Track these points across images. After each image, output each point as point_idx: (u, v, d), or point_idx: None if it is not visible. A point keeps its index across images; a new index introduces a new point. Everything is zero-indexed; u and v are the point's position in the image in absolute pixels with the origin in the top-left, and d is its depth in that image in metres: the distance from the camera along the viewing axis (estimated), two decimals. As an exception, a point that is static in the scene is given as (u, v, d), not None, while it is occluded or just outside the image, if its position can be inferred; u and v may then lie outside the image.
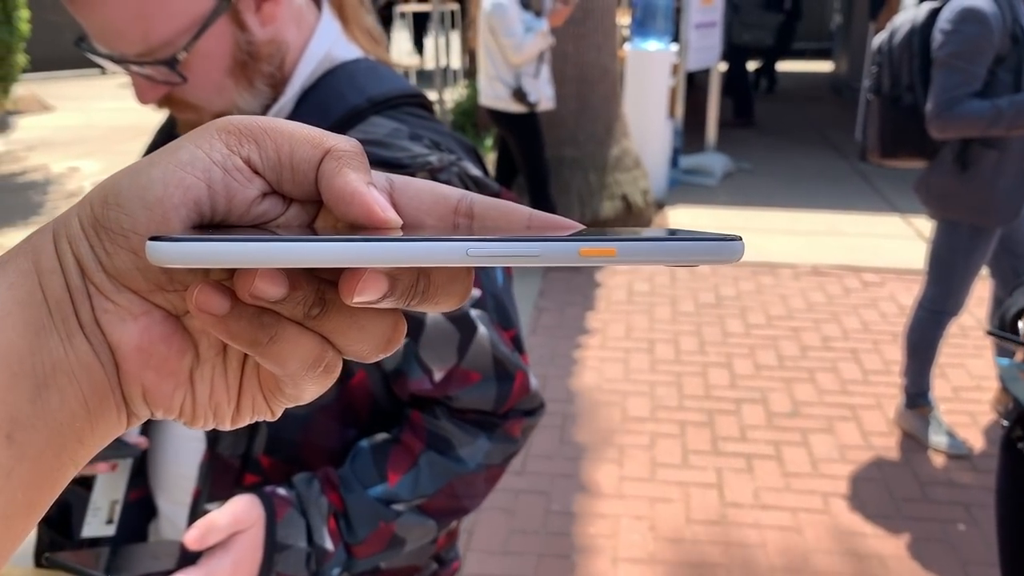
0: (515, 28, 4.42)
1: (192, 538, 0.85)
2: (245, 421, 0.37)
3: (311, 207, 0.35)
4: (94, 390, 0.33)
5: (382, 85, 1.00)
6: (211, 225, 0.33)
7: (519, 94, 4.56)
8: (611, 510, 2.91)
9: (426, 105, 1.05)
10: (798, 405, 3.57)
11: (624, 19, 6.80)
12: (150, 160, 0.32)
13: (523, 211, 0.34)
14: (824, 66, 12.81)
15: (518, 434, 1.04)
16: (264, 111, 0.98)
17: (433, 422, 0.99)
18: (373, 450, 0.98)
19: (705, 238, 0.30)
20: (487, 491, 1.02)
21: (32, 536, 1.20)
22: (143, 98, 0.95)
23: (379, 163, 0.93)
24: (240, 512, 0.89)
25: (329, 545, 0.92)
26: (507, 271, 1.05)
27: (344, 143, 0.34)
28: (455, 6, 9.33)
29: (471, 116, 7.34)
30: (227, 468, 0.99)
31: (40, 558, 1.15)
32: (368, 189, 0.32)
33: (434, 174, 0.95)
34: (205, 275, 0.33)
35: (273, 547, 0.90)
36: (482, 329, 0.97)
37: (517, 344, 1.03)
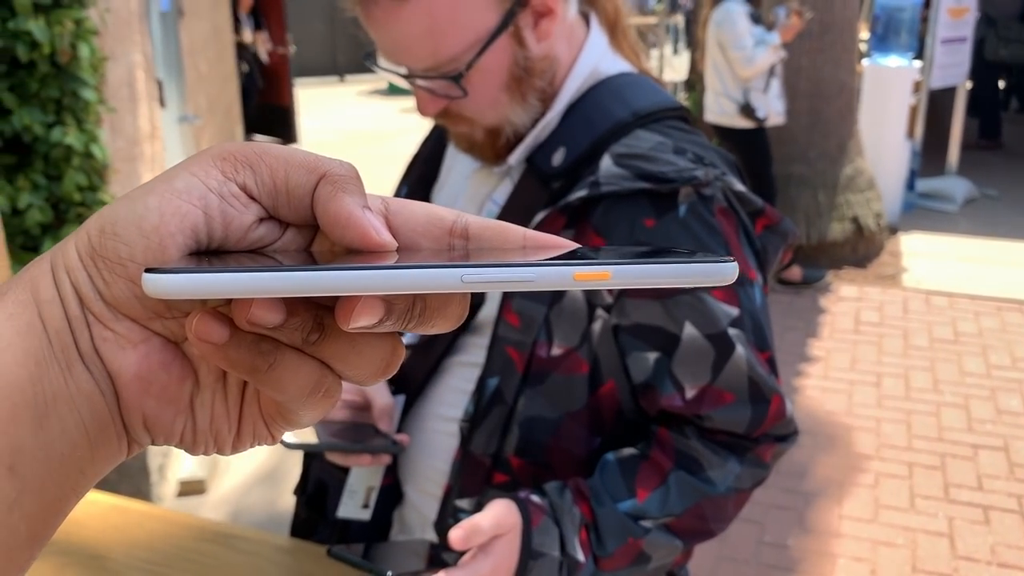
0: (745, 41, 4.31)
1: (456, 538, 0.88)
2: (246, 447, 0.37)
3: (307, 231, 0.35)
4: (95, 419, 0.32)
5: (646, 98, 1.01)
6: (208, 252, 0.33)
7: (747, 109, 4.44)
8: (828, 548, 2.76)
9: (687, 118, 1.04)
10: (1049, 458, 3.23)
11: (864, 33, 6.45)
12: (146, 188, 0.32)
13: (518, 231, 0.34)
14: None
15: (768, 459, 1.00)
16: (532, 124, 1.01)
17: (682, 441, 0.97)
18: (621, 464, 0.98)
19: (697, 260, 0.30)
20: (734, 515, 1.00)
21: (289, 509, 1.30)
22: (424, 111, 1.01)
23: (644, 176, 0.93)
24: (501, 517, 0.91)
25: (580, 556, 0.93)
26: (764, 289, 1.02)
27: (339, 167, 0.33)
28: (679, 19, 9.24)
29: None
30: (478, 466, 1.02)
31: (297, 536, 1.24)
32: (363, 213, 0.32)
33: (699, 189, 0.94)
34: (203, 303, 0.33)
35: (528, 554, 0.91)
36: (739, 349, 0.94)
37: (772, 366, 1.00)
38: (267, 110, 9.44)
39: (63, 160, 2.44)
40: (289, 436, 1.05)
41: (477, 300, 1.05)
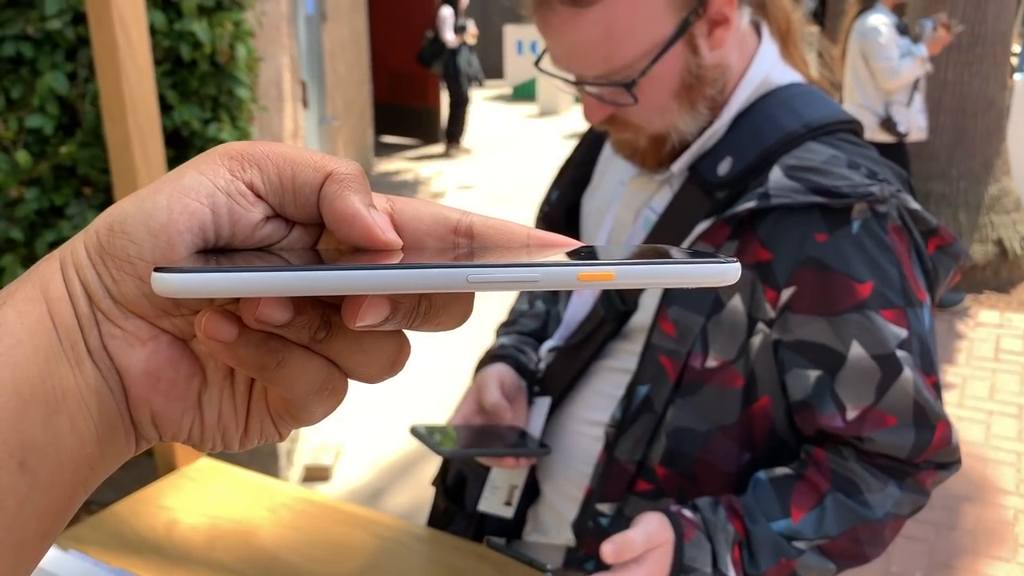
0: (890, 52, 4.15)
1: (608, 552, 0.89)
2: (253, 444, 0.37)
3: (313, 230, 0.35)
4: (104, 415, 0.33)
5: (818, 110, 0.99)
6: (215, 249, 0.33)
7: (887, 123, 4.28)
8: (962, 586, 2.62)
9: (859, 132, 1.02)
10: None
11: (1017, 46, 6.11)
12: (154, 187, 0.32)
13: (521, 229, 0.34)
14: None
15: (929, 486, 0.97)
16: (699, 133, 1.00)
17: (840, 462, 0.95)
18: (774, 483, 0.97)
19: (700, 260, 0.30)
20: (890, 541, 0.97)
21: (411, 497, 1.33)
22: (591, 117, 1.02)
23: (817, 190, 0.91)
24: (653, 532, 0.92)
25: (732, 574, 0.92)
26: (932, 311, 0.98)
27: (345, 166, 0.33)
28: (813, 29, 8.96)
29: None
30: (622, 472, 1.02)
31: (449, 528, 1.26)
32: (369, 211, 0.32)
33: (874, 205, 0.91)
34: (211, 301, 0.33)
35: (680, 568, 0.91)
36: (907, 371, 0.91)
37: (938, 391, 0.96)
38: (409, 112, 9.58)
39: (217, 155, 2.57)
40: (437, 440, 1.07)
41: (630, 306, 1.05)
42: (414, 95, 9.41)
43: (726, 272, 0.30)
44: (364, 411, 3.65)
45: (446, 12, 8.69)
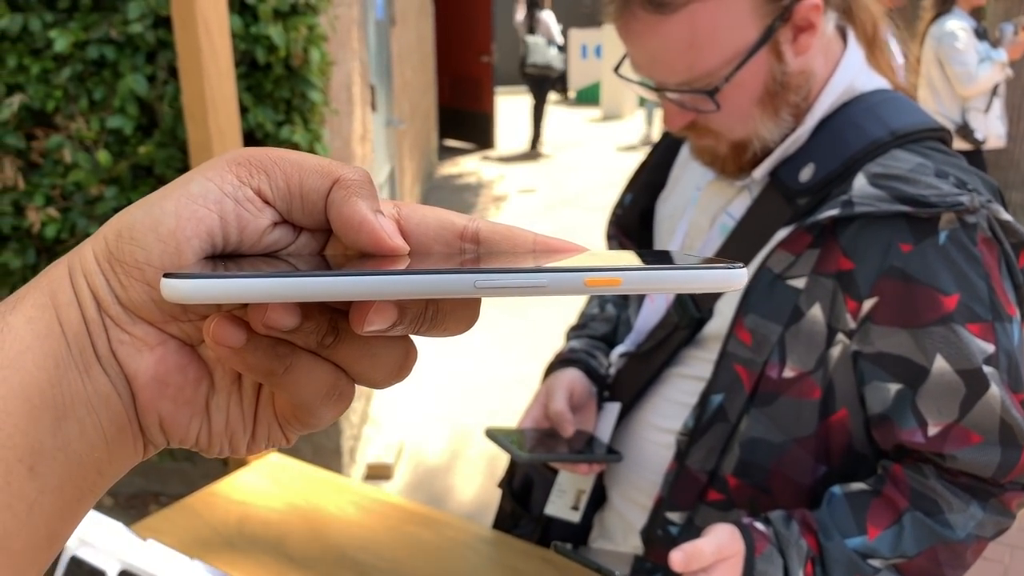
0: (968, 57, 4.04)
1: (677, 560, 0.87)
2: (260, 450, 0.37)
3: (321, 235, 0.35)
4: (112, 420, 0.33)
5: (905, 117, 0.96)
6: (223, 255, 0.33)
7: (964, 130, 4.16)
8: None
9: (947, 140, 0.99)
10: None
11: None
12: (162, 193, 0.32)
13: (527, 235, 0.34)
14: None
15: (1014, 508, 0.93)
16: (782, 140, 0.99)
17: (919, 480, 0.92)
18: (849, 499, 0.94)
19: (707, 266, 0.30)
20: (971, 564, 0.93)
21: (472, 497, 1.33)
22: (671, 124, 1.01)
23: (903, 199, 0.89)
24: (724, 543, 0.90)
25: None
26: (1022, 326, 0.95)
27: (352, 172, 0.33)
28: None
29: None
30: (693, 481, 1.01)
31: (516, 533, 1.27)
32: (376, 217, 0.32)
33: (963, 216, 0.89)
34: (218, 307, 0.33)
35: None
36: (993, 388, 0.88)
37: (1025, 409, 0.93)
38: (467, 116, 9.77)
39: (289, 157, 2.62)
40: (512, 444, 1.07)
41: (705, 313, 1.04)
42: (471, 99, 9.55)
43: (733, 278, 0.30)
44: (425, 412, 3.68)
45: (548, 16, 9.02)
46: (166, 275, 0.28)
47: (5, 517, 0.30)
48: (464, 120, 9.76)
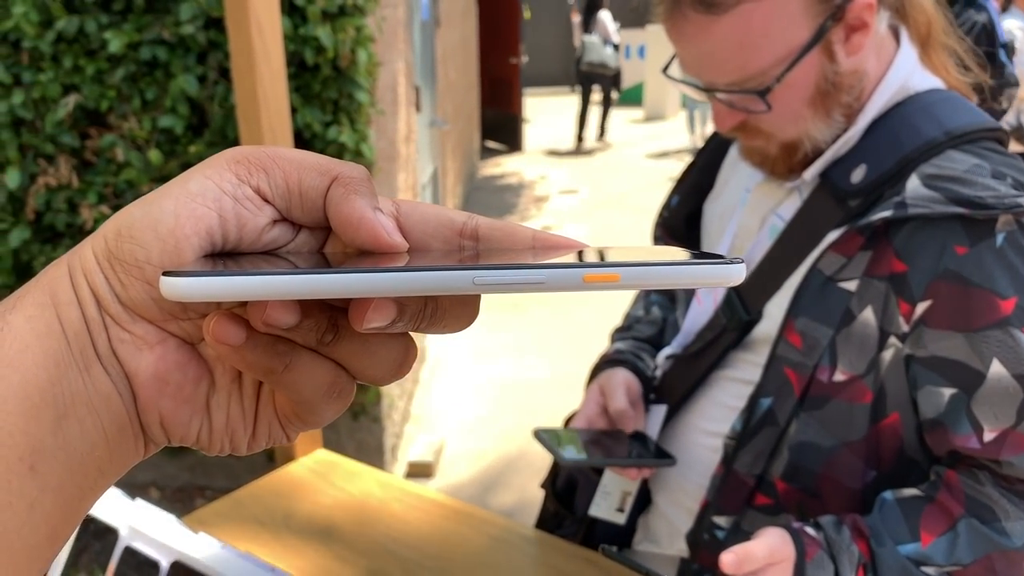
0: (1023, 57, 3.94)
1: (728, 562, 0.87)
2: (261, 447, 0.37)
3: (320, 233, 0.35)
4: (112, 419, 0.33)
5: (960, 117, 0.94)
6: (223, 253, 0.33)
7: (1020, 132, 4.06)
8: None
9: (1003, 140, 0.97)
10: None
11: None
12: (161, 192, 0.32)
13: (526, 231, 0.34)
14: None
15: (1073, 516, 0.91)
16: (833, 140, 0.98)
17: (974, 487, 0.91)
18: (902, 505, 0.93)
19: (705, 261, 0.30)
20: (1028, 574, 0.91)
21: (529, 500, 1.34)
22: (721, 124, 1.00)
23: (959, 201, 0.87)
24: (775, 546, 0.89)
25: None
26: None
27: (351, 170, 0.33)
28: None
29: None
30: (740, 485, 1.00)
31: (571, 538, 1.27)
32: (375, 214, 0.32)
33: (1021, 218, 0.87)
34: (218, 305, 0.33)
35: None
36: (1052, 394, 0.87)
37: (1085, 415, 0.90)
38: (501, 118, 9.87)
39: (336, 157, 2.65)
40: (560, 444, 1.07)
41: (753, 316, 1.03)
42: (503, 101, 9.65)
43: (731, 273, 0.30)
44: (465, 411, 3.69)
45: (605, 15, 9.14)
46: (165, 273, 0.29)
47: (5, 516, 0.30)
48: (498, 121, 9.85)
